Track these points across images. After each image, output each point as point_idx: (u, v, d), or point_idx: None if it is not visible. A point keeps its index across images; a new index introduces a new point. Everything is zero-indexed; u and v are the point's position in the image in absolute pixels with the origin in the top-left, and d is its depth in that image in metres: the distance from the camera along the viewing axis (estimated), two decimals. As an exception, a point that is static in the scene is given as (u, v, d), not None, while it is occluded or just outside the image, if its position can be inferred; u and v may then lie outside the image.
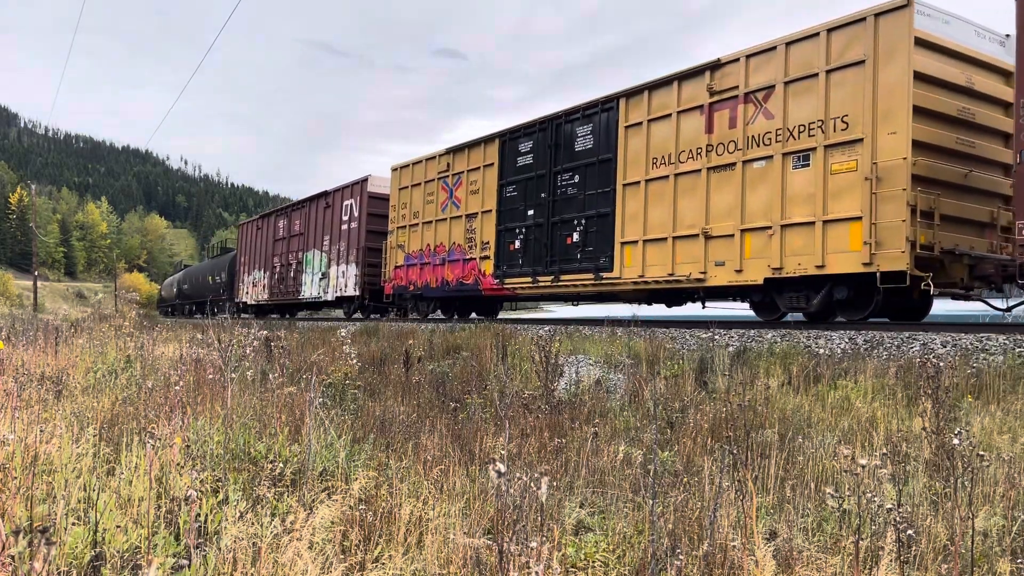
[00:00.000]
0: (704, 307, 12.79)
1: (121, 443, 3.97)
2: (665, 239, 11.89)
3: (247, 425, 4.41)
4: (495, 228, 15.67)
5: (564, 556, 2.88)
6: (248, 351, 7.09)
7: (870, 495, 2.77)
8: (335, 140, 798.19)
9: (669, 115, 12.00)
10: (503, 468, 2.19)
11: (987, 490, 3.69)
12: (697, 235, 11.36)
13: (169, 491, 3.39)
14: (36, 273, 52.73)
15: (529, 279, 14.69)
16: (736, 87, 10.99)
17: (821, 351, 8.04)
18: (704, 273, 11.27)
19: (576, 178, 13.85)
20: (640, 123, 12.49)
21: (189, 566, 2.61)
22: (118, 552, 2.79)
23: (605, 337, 10.09)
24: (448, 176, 17.25)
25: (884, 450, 4.03)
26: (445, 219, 17.27)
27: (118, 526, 2.90)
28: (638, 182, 12.41)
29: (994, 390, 5.97)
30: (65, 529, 2.79)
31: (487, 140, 16.19)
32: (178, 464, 3.66)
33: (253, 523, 2.97)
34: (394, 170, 19.56)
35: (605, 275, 12.97)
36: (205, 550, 2.78)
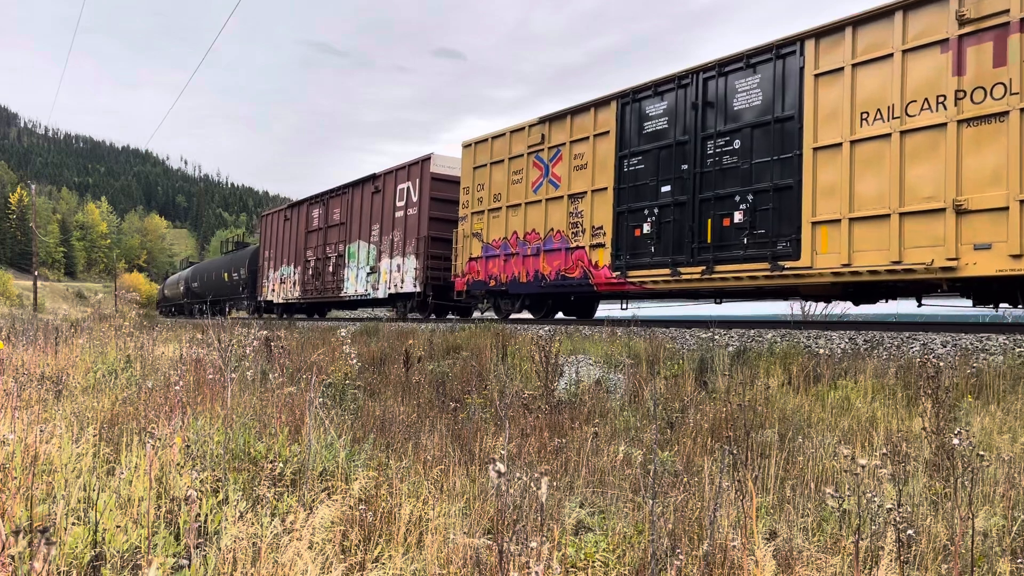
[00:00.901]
0: (920, 305, 10.42)
1: (121, 443, 3.97)
2: (886, 216, 9.20)
3: (247, 425, 4.40)
4: (612, 210, 12.80)
5: (564, 556, 2.88)
6: (248, 351, 7.09)
7: (870, 495, 2.77)
8: (335, 140, 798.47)
9: (888, 55, 9.34)
10: (503, 468, 2.19)
11: (987, 490, 3.69)
12: (942, 209, 8.71)
13: (169, 491, 3.39)
14: (36, 273, 52.75)
15: (666, 271, 11.78)
16: (1005, 11, 8.40)
17: (821, 351, 8.04)
18: (955, 260, 8.56)
19: (736, 143, 11.00)
20: (839, 69, 9.79)
21: (189, 566, 2.61)
22: (118, 552, 2.79)
23: (605, 337, 10.09)
24: (543, 150, 14.36)
25: (884, 450, 4.03)
26: (539, 201, 14.41)
27: (118, 526, 2.90)
28: (838, 144, 9.76)
29: (994, 390, 5.97)
30: (65, 529, 2.79)
31: (599, 104, 13.31)
32: (178, 464, 3.66)
33: (253, 523, 2.97)
34: (466, 146, 16.56)
35: (787, 264, 10.16)
36: (205, 550, 2.78)
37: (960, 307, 10.19)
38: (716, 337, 9.19)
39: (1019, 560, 2.88)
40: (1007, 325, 9.29)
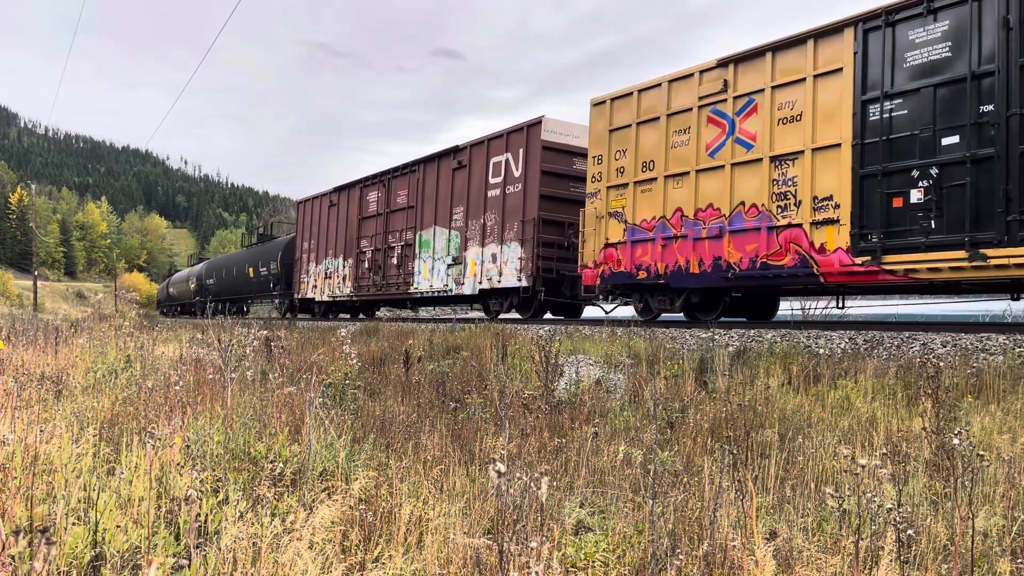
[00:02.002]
0: None
1: (121, 443, 3.97)
2: None
3: (247, 425, 4.41)
4: (851, 173, 9.51)
5: (564, 556, 2.88)
6: (248, 351, 7.09)
7: (870, 495, 2.77)
8: (335, 140, 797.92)
9: None
10: (503, 468, 2.19)
11: (987, 490, 3.69)
12: None
13: (169, 491, 3.39)
14: (36, 273, 52.80)
15: (958, 254, 8.46)
16: None
17: (821, 351, 8.04)
18: None
19: None
20: None
21: (189, 566, 2.61)
22: (118, 552, 2.79)
23: (605, 337, 10.09)
24: (724, 100, 11.13)
25: (884, 450, 4.03)
26: (719, 167, 11.11)
27: (118, 526, 2.90)
28: None
29: (994, 390, 5.97)
30: (65, 529, 2.79)
31: (821, 34, 9.96)
32: (178, 464, 3.66)
33: (253, 523, 2.97)
34: (597, 104, 13.26)
35: None
36: (205, 550, 2.78)
37: (959, 306, 9.87)
38: (716, 337, 9.19)
39: (1019, 560, 2.88)
40: (1007, 325, 9.27)
